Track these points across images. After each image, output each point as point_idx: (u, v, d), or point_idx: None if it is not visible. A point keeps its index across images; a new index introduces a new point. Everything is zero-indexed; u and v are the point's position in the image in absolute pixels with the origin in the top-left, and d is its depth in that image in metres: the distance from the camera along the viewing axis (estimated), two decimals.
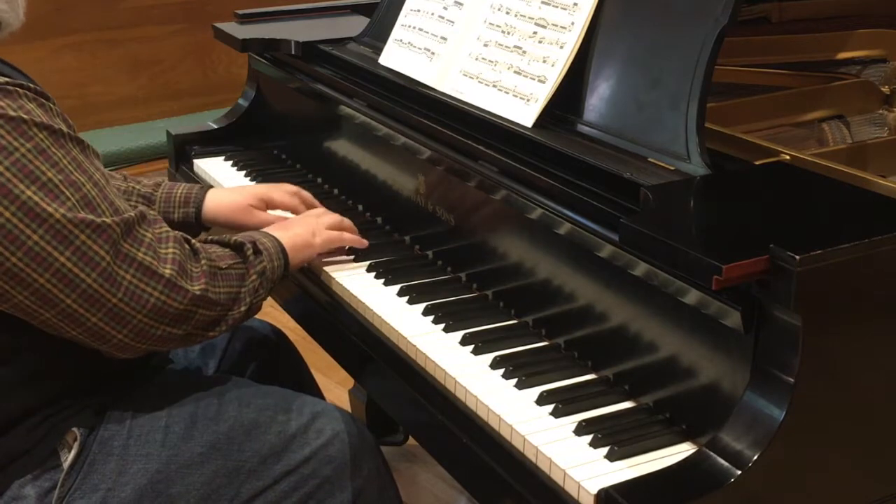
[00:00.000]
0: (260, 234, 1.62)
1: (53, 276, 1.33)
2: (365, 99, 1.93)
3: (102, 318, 1.37)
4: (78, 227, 1.33)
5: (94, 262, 1.34)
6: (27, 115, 1.32)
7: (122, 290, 1.37)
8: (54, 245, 1.32)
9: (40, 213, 1.31)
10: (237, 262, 1.53)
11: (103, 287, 1.35)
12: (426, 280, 1.70)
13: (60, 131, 1.36)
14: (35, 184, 1.31)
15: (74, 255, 1.33)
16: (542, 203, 1.48)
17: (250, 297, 1.52)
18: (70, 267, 1.33)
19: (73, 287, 1.34)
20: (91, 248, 1.34)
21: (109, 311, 1.37)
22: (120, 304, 1.37)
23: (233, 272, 1.51)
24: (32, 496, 1.44)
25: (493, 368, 1.45)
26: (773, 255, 1.12)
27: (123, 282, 1.37)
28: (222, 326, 1.50)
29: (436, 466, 2.18)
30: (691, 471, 1.17)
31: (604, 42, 1.58)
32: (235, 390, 1.61)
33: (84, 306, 1.35)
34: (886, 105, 1.84)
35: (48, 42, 3.81)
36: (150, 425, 1.51)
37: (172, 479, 1.49)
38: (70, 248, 1.33)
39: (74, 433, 1.46)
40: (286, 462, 1.56)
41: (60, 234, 1.32)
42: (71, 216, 1.32)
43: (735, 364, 1.21)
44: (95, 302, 1.36)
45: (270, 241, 1.60)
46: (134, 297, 1.38)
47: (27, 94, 1.34)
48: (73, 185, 1.34)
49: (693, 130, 1.41)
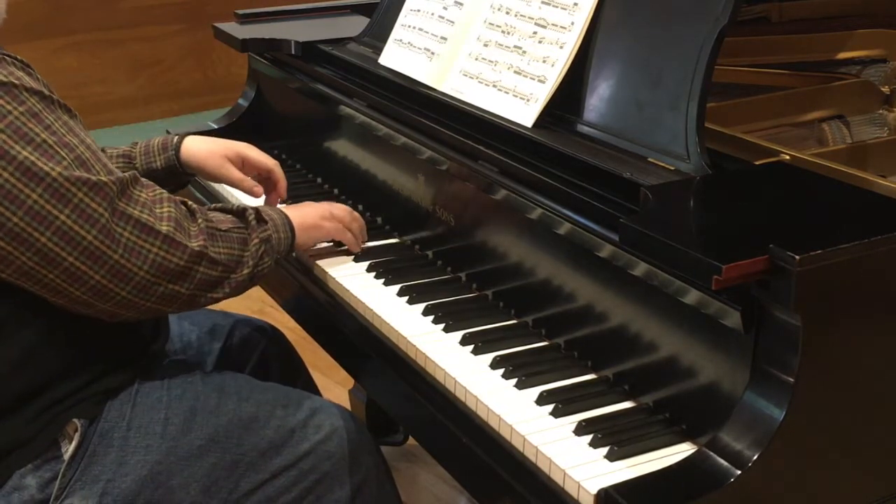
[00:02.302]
0: (265, 206, 1.63)
1: (55, 234, 1.34)
2: (365, 99, 1.93)
3: (105, 275, 1.38)
4: (75, 185, 1.34)
5: (94, 219, 1.36)
6: (18, 80, 1.34)
7: (121, 246, 1.38)
8: (53, 203, 1.33)
9: (37, 173, 1.32)
10: (238, 227, 1.54)
11: (104, 244, 1.37)
12: (426, 280, 1.70)
13: (50, 97, 1.38)
14: (30, 144, 1.32)
15: (74, 213, 1.34)
16: (542, 203, 1.48)
17: (253, 262, 1.53)
18: (70, 224, 1.34)
19: (75, 244, 1.35)
20: (89, 205, 1.35)
21: (111, 267, 1.38)
22: (121, 261, 1.38)
23: (233, 234, 1.52)
24: (33, 486, 1.45)
25: (492, 368, 1.45)
26: (772, 255, 1.12)
27: (122, 238, 1.38)
28: (225, 288, 1.50)
29: (436, 466, 2.18)
30: (691, 471, 1.17)
31: (604, 42, 1.58)
32: (235, 385, 1.61)
33: (87, 263, 1.37)
34: (886, 105, 1.84)
35: (48, 42, 3.82)
36: (149, 417, 1.52)
37: (172, 471, 1.50)
38: (69, 205, 1.34)
39: (75, 424, 1.47)
40: (285, 456, 1.56)
41: (58, 193, 1.33)
42: (67, 174, 1.34)
43: (735, 364, 1.21)
44: (97, 259, 1.37)
45: (276, 213, 1.61)
46: (134, 253, 1.39)
47: (14, 62, 1.37)
48: (66, 147, 1.35)
49: (693, 130, 1.41)
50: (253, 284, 1.56)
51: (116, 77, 4.03)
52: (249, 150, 1.85)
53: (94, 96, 3.96)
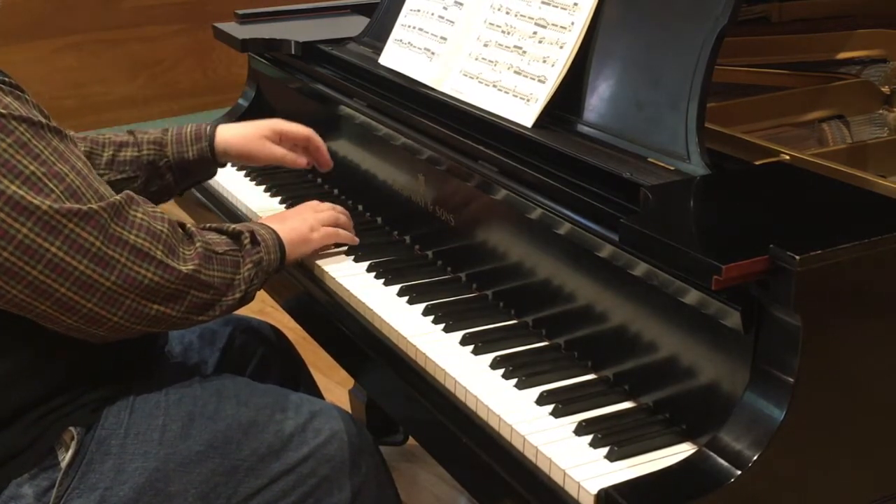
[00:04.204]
0: (258, 226, 1.63)
1: (46, 266, 1.34)
2: (365, 99, 1.93)
3: (97, 302, 1.38)
4: (65, 216, 1.34)
5: (84, 249, 1.35)
6: (5, 108, 1.33)
7: (115, 272, 1.38)
8: (44, 237, 1.33)
9: (27, 207, 1.31)
10: (233, 250, 1.54)
11: (95, 272, 1.36)
12: (426, 280, 1.70)
13: (40, 123, 1.37)
14: (19, 178, 1.32)
15: (65, 245, 1.34)
16: (542, 203, 1.48)
17: (245, 286, 1.53)
18: (62, 256, 1.34)
19: (66, 276, 1.35)
20: (80, 235, 1.35)
21: (103, 294, 1.38)
22: (114, 287, 1.38)
23: (228, 258, 1.52)
24: (30, 495, 1.44)
25: (493, 368, 1.45)
26: (772, 256, 1.12)
27: (117, 265, 1.38)
28: (216, 311, 1.50)
29: (436, 466, 2.18)
30: (691, 471, 1.17)
31: (604, 42, 1.58)
32: (233, 389, 1.61)
33: (79, 293, 1.36)
34: (886, 105, 1.84)
35: (48, 42, 3.82)
36: (147, 424, 1.51)
37: (170, 478, 1.49)
38: (59, 237, 1.34)
39: (71, 432, 1.46)
40: (284, 461, 1.56)
41: (49, 226, 1.33)
42: (57, 207, 1.33)
43: (735, 364, 1.21)
44: (89, 288, 1.37)
45: (269, 234, 1.61)
46: (128, 280, 1.39)
47: (2, 88, 1.36)
48: (56, 177, 1.35)
49: (693, 130, 1.41)
50: (243, 305, 1.56)
51: (116, 77, 4.03)
52: (282, 124, 1.88)
53: (94, 96, 3.95)
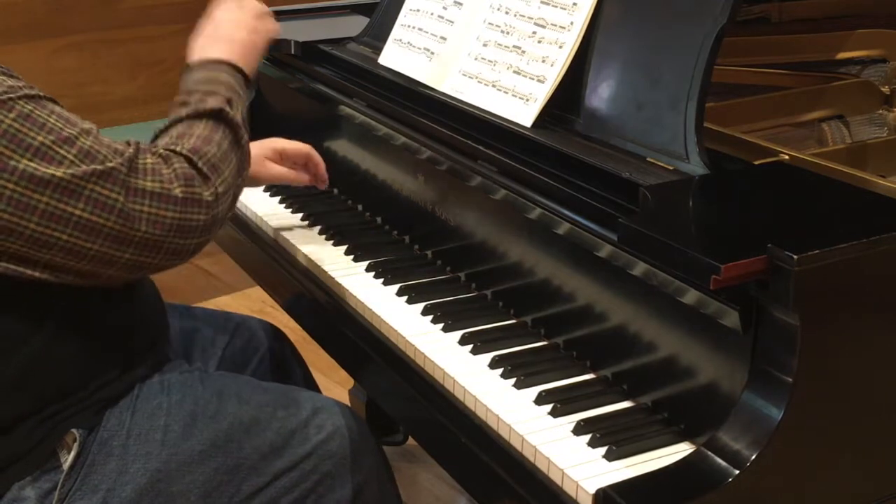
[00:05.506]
0: (217, 72, 1.60)
1: (75, 229, 1.33)
2: (365, 99, 1.93)
3: (134, 251, 1.38)
4: (83, 178, 1.33)
5: (109, 206, 1.35)
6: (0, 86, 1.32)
7: (143, 222, 1.37)
8: (66, 201, 1.32)
9: (42, 177, 1.31)
10: (225, 136, 1.50)
11: (125, 226, 1.36)
12: (425, 280, 1.70)
13: (38, 94, 1.36)
14: (29, 151, 1.31)
15: (88, 205, 1.34)
16: (542, 203, 1.48)
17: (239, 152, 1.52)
18: (88, 216, 1.34)
19: (97, 234, 1.35)
20: (102, 193, 1.34)
21: (138, 243, 1.37)
22: (146, 235, 1.37)
23: (226, 144, 1.50)
24: (32, 497, 1.44)
25: (491, 368, 1.45)
26: (771, 255, 1.12)
27: (142, 215, 1.37)
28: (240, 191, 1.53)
29: (436, 466, 2.18)
30: (689, 470, 1.17)
31: (603, 42, 1.58)
32: (235, 387, 1.60)
33: (113, 247, 1.36)
34: (886, 105, 1.84)
35: (48, 42, 3.81)
36: (149, 424, 1.51)
37: (173, 478, 1.49)
38: (81, 199, 1.33)
39: (74, 434, 1.46)
40: (287, 458, 1.56)
41: (68, 191, 1.32)
42: (73, 171, 1.33)
43: (733, 364, 1.21)
44: (123, 240, 1.36)
45: (230, 76, 1.59)
46: (157, 225, 1.38)
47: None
48: (66, 142, 1.34)
49: (692, 130, 1.41)
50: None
51: (116, 77, 4.03)
52: (283, 143, 1.90)
53: (94, 96, 3.95)
